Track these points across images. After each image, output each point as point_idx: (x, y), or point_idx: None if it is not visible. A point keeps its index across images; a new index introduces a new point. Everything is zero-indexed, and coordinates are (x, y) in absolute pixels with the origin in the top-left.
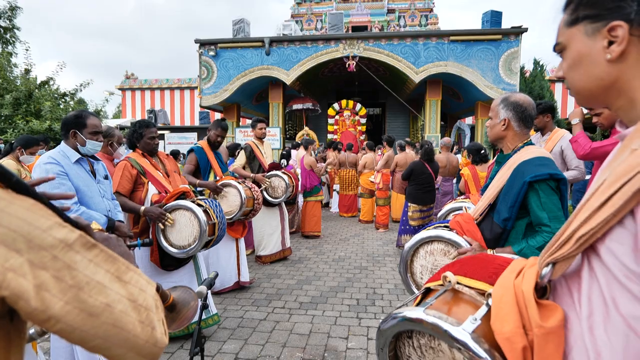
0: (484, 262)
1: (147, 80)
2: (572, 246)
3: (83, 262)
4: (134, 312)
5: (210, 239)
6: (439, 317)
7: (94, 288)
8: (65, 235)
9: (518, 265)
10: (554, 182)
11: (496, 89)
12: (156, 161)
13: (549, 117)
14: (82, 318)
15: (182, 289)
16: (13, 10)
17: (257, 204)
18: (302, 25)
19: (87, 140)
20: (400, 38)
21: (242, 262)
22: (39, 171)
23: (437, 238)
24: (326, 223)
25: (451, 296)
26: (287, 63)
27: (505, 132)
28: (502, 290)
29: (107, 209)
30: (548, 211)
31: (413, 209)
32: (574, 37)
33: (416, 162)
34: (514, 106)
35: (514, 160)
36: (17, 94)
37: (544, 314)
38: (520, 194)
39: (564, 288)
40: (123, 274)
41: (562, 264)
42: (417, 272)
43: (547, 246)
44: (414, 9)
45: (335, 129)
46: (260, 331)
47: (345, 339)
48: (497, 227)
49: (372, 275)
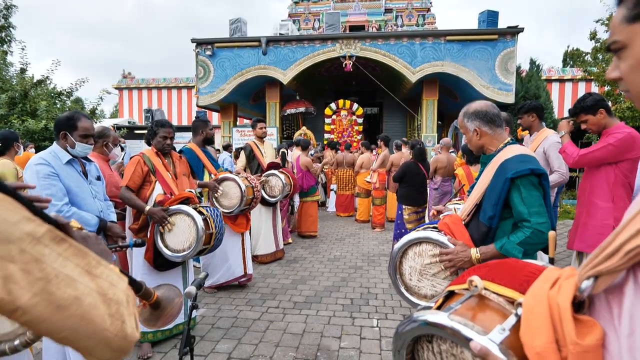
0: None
1: (145, 79)
2: (620, 260)
3: (52, 256)
4: (104, 305)
5: (205, 247)
6: (464, 323)
7: (62, 281)
8: (34, 229)
9: (552, 275)
10: (536, 177)
11: (492, 88)
12: (168, 161)
13: (534, 117)
14: (50, 310)
15: (167, 287)
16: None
17: (256, 192)
18: (299, 25)
19: (76, 142)
20: (397, 38)
21: (247, 256)
22: (30, 172)
23: (425, 239)
24: (323, 222)
25: (476, 302)
26: (284, 63)
27: (482, 140)
28: (535, 300)
29: (99, 210)
30: (529, 206)
31: (409, 211)
32: (637, 34)
33: (409, 162)
34: (476, 114)
35: (497, 159)
36: (13, 93)
37: (580, 330)
38: (503, 190)
39: (603, 303)
40: (93, 268)
41: (606, 277)
42: (406, 273)
43: (589, 257)
44: (412, 9)
45: (332, 128)
46: (254, 331)
47: (339, 339)
48: (483, 225)
49: (366, 274)
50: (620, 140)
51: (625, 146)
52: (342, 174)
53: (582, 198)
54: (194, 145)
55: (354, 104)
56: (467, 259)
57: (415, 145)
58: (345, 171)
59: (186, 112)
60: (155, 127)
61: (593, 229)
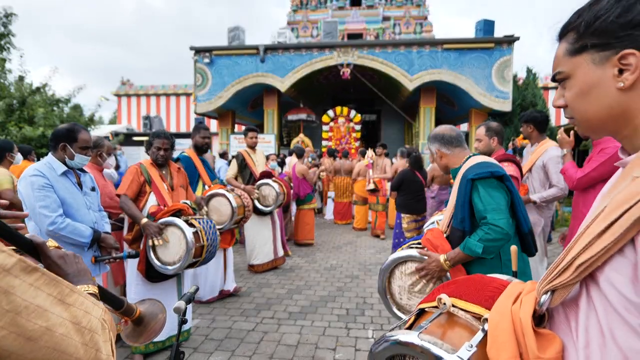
0: (479, 284)
1: (143, 86)
2: (572, 274)
3: (22, 287)
4: (77, 334)
5: (196, 260)
6: (433, 342)
7: (32, 312)
8: (3, 261)
9: (515, 290)
10: (495, 179)
11: (489, 96)
12: (165, 172)
13: (532, 128)
14: (19, 342)
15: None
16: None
17: (247, 211)
18: (297, 33)
19: (76, 154)
20: (394, 46)
21: (228, 272)
22: (24, 183)
23: (409, 258)
24: (320, 230)
25: (446, 319)
26: (282, 70)
27: (443, 160)
28: (499, 316)
29: (94, 221)
30: (486, 204)
31: (408, 220)
32: (579, 66)
33: (406, 170)
34: (435, 138)
35: (462, 170)
36: (10, 100)
37: (541, 343)
38: (466, 192)
39: (561, 316)
40: (67, 297)
41: (561, 291)
42: (395, 293)
43: (546, 273)
44: (409, 17)
45: (329, 135)
46: (248, 342)
47: (333, 350)
48: (457, 230)
49: (362, 284)
50: (612, 156)
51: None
52: (339, 182)
53: (576, 210)
54: (191, 152)
55: (351, 111)
56: (439, 267)
57: (411, 153)
58: (343, 179)
59: (185, 119)
60: (151, 137)
61: None
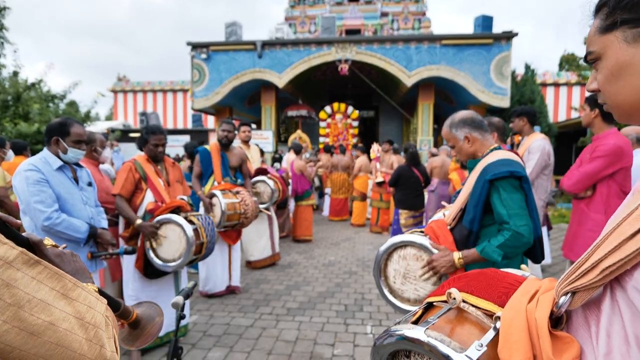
0: (493, 279)
1: (140, 82)
2: (597, 276)
3: (24, 280)
4: (81, 330)
5: (195, 257)
6: (441, 339)
7: (35, 306)
8: (4, 253)
9: (531, 287)
10: (515, 180)
11: (488, 92)
12: (161, 168)
13: (525, 121)
14: (22, 337)
15: (147, 305)
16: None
17: (244, 218)
18: (295, 28)
19: (69, 148)
20: (392, 42)
21: (233, 268)
22: (19, 178)
23: (409, 243)
24: (318, 227)
25: (455, 315)
26: (279, 66)
27: (473, 146)
28: (513, 314)
29: (90, 217)
30: (508, 208)
31: (405, 216)
32: (610, 44)
33: (403, 166)
34: (464, 122)
35: (481, 164)
36: (5, 96)
37: (558, 347)
38: (482, 192)
39: (580, 319)
40: (70, 291)
41: (583, 294)
42: (390, 276)
43: (567, 272)
44: (407, 13)
45: (327, 132)
46: (246, 338)
47: (332, 346)
48: (464, 229)
49: (361, 280)
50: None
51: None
52: (336, 178)
53: (576, 206)
54: (214, 145)
55: (348, 107)
56: (450, 264)
57: (407, 149)
58: (339, 175)
59: (182, 116)
60: (145, 134)
61: (583, 239)
